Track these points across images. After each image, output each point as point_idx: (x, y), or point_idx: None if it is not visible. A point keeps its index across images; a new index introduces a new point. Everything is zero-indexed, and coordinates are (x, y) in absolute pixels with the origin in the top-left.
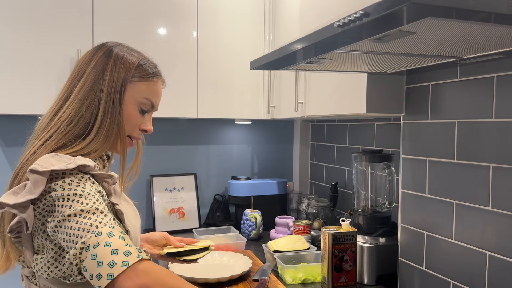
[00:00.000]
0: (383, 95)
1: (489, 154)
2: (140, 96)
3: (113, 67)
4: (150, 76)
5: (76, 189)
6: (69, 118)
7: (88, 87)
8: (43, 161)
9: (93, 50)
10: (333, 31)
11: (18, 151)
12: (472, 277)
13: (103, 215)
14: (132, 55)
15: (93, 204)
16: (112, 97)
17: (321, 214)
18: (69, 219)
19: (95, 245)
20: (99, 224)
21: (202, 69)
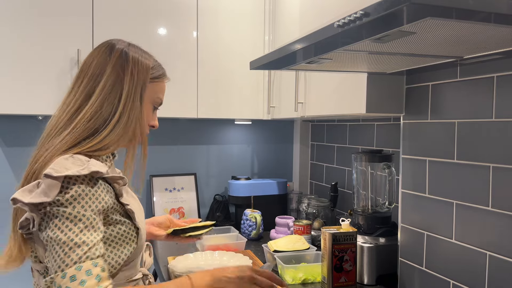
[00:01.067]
0: (383, 95)
1: (489, 154)
2: (154, 95)
3: (133, 69)
4: (161, 76)
5: (79, 211)
6: (90, 115)
7: (110, 87)
8: (58, 165)
9: (106, 50)
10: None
11: (18, 151)
12: (472, 277)
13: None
14: (146, 58)
15: (83, 236)
16: (132, 97)
17: (321, 214)
18: (57, 244)
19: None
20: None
21: (202, 69)
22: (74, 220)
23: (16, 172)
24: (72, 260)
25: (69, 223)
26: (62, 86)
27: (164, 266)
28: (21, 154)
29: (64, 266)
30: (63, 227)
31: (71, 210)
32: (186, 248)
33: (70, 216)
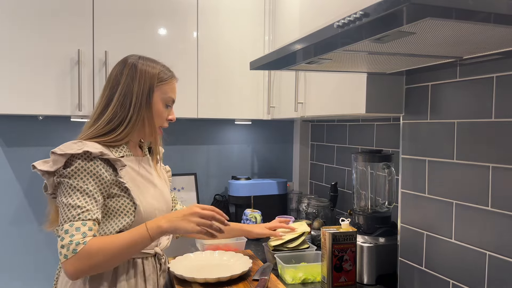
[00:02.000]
0: (383, 95)
1: (489, 154)
2: (164, 95)
3: (140, 79)
4: (168, 79)
5: (78, 182)
6: (109, 119)
7: (123, 96)
8: (65, 146)
9: (121, 64)
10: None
11: (18, 151)
12: (471, 277)
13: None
14: (153, 67)
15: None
16: (140, 101)
17: (321, 214)
18: (61, 205)
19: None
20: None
21: (202, 69)
22: (74, 189)
23: (16, 172)
24: (68, 218)
25: (70, 191)
26: (62, 86)
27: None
28: (21, 154)
29: (63, 222)
30: (66, 194)
31: (72, 181)
32: (186, 248)
33: (71, 186)
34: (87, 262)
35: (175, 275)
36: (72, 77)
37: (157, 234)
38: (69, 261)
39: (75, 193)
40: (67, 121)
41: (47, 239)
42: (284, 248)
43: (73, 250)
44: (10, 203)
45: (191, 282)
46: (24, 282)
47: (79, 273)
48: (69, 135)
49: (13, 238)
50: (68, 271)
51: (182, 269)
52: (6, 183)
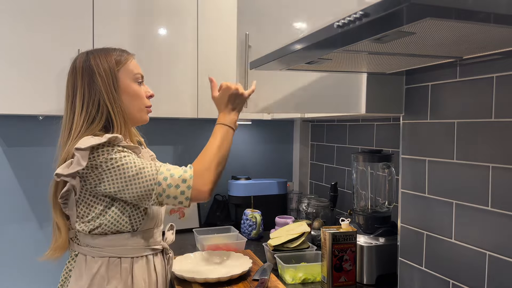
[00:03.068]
0: (383, 95)
1: (489, 154)
2: (131, 74)
3: (97, 69)
4: (126, 59)
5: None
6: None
7: (88, 95)
8: (84, 141)
9: (72, 71)
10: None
11: (18, 151)
12: (471, 277)
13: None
14: (105, 55)
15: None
16: (110, 92)
17: (321, 214)
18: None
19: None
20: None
21: (202, 69)
22: (124, 165)
23: (16, 172)
24: (152, 174)
25: (124, 166)
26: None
27: None
28: (21, 154)
29: (153, 180)
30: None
31: (115, 163)
32: (186, 248)
33: (119, 165)
34: (208, 170)
35: (175, 275)
36: None
37: (235, 124)
38: (195, 184)
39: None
40: None
41: (47, 239)
42: (284, 248)
43: (190, 176)
44: (10, 203)
45: (191, 282)
46: (24, 282)
47: (212, 184)
48: None
49: (13, 238)
50: (202, 190)
51: (182, 269)
52: (6, 183)
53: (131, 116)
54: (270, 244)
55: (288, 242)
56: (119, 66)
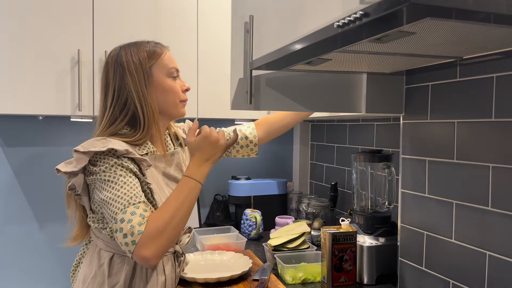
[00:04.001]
0: (383, 95)
1: (489, 154)
2: (166, 69)
3: (128, 66)
4: (161, 50)
5: (112, 175)
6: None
7: (117, 95)
8: (88, 143)
9: (105, 66)
10: (332, 31)
11: (18, 151)
12: (471, 277)
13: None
14: (137, 52)
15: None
16: (141, 91)
17: (321, 214)
18: (105, 202)
19: (116, 230)
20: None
21: (202, 69)
22: (111, 182)
23: (16, 171)
24: (118, 209)
25: (106, 186)
26: (63, 86)
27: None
28: (21, 154)
29: (115, 215)
30: (104, 189)
31: (105, 176)
32: (186, 248)
33: (107, 180)
34: (159, 237)
35: None
36: (72, 77)
37: (205, 179)
38: (140, 245)
39: (113, 186)
40: (67, 121)
41: (47, 239)
42: (284, 248)
43: (139, 232)
44: (10, 203)
45: (191, 282)
46: (24, 282)
47: (156, 252)
48: (69, 135)
49: (13, 238)
50: (144, 256)
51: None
52: (6, 183)
53: (167, 111)
54: (270, 244)
55: (288, 242)
56: (152, 61)
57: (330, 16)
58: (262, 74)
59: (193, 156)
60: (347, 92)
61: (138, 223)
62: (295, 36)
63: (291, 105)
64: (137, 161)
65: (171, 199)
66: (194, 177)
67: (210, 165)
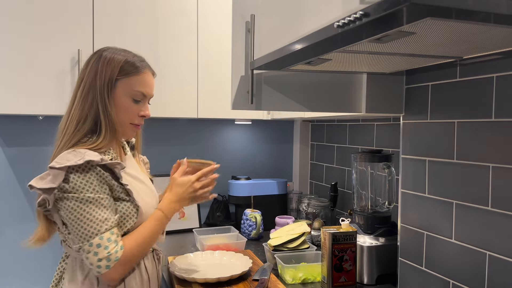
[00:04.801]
0: (383, 95)
1: (489, 154)
2: (131, 89)
3: (101, 69)
4: (137, 69)
5: (87, 195)
6: (76, 120)
7: (86, 91)
8: (61, 158)
9: (89, 57)
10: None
11: (18, 151)
12: (471, 277)
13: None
14: (119, 54)
15: (91, 212)
16: (103, 96)
17: (321, 214)
18: (76, 221)
19: (88, 251)
20: (92, 234)
21: (202, 69)
22: (86, 203)
23: (16, 171)
24: (93, 233)
25: (82, 205)
26: (63, 86)
27: (164, 266)
28: (21, 154)
29: (89, 238)
30: (78, 209)
31: (79, 195)
32: (186, 248)
33: (82, 200)
34: (129, 263)
35: (175, 275)
36: (72, 77)
37: (173, 215)
38: (113, 269)
39: (89, 206)
40: None
41: None
42: (284, 248)
43: (115, 259)
44: (10, 203)
45: (191, 282)
46: (24, 282)
47: (124, 274)
48: None
49: (13, 238)
50: (113, 278)
51: (182, 269)
52: (6, 183)
53: (117, 128)
54: (270, 244)
55: (288, 242)
56: (121, 75)
57: (330, 16)
58: (263, 74)
59: (170, 192)
60: (347, 92)
61: (115, 251)
62: (295, 36)
63: (291, 105)
64: (110, 166)
65: (143, 229)
66: (164, 211)
67: (180, 206)
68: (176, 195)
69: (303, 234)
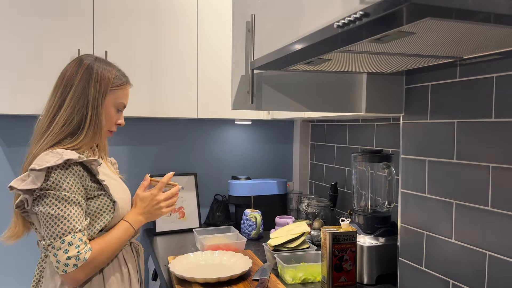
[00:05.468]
0: (383, 95)
1: (489, 154)
2: (116, 100)
3: (96, 81)
4: (123, 84)
5: (61, 192)
6: (63, 120)
7: (77, 97)
8: (40, 160)
9: (75, 65)
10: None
11: (18, 151)
12: (471, 277)
13: (71, 220)
14: (109, 70)
15: (67, 211)
16: (96, 104)
17: (321, 214)
18: (49, 217)
19: (58, 248)
20: (64, 231)
21: (202, 69)
22: (61, 200)
23: (16, 171)
24: (65, 230)
25: (57, 202)
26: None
27: (164, 266)
28: (21, 154)
29: (61, 234)
30: (53, 205)
31: (56, 192)
32: (186, 248)
33: (58, 197)
34: (94, 266)
35: (175, 275)
36: None
37: (139, 226)
38: (79, 269)
39: (63, 204)
40: None
41: None
42: (284, 248)
43: (84, 259)
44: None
45: (191, 282)
46: (24, 282)
47: (87, 277)
48: None
49: None
50: (77, 279)
51: (182, 269)
52: (6, 183)
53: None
54: (270, 244)
55: (288, 242)
56: (113, 87)
57: (330, 16)
58: (263, 74)
59: (135, 206)
60: (347, 92)
61: (85, 251)
62: (295, 36)
63: (291, 105)
64: (87, 163)
65: (110, 236)
66: (130, 222)
67: (146, 219)
68: (140, 208)
69: (303, 234)
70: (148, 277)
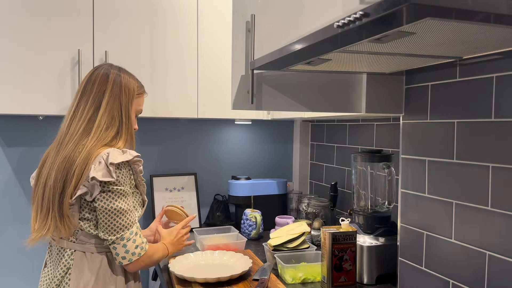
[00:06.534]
0: (383, 95)
1: (489, 154)
2: (138, 107)
3: (125, 88)
4: (142, 92)
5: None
6: (106, 124)
7: (112, 102)
8: (113, 156)
9: (103, 77)
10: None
11: (18, 151)
12: (471, 277)
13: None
14: (132, 82)
15: (128, 205)
16: (127, 109)
17: (321, 214)
18: (116, 211)
19: (128, 238)
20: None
21: (202, 69)
22: (124, 195)
23: (16, 171)
24: (131, 221)
25: (122, 196)
26: (63, 86)
27: (164, 265)
28: (21, 154)
29: (129, 226)
30: (118, 199)
31: (119, 187)
32: (187, 248)
33: (120, 191)
34: (147, 259)
35: (175, 275)
36: (72, 77)
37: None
38: (140, 259)
39: (126, 198)
40: None
41: None
42: (284, 248)
43: (145, 249)
44: (10, 203)
45: (191, 282)
46: (24, 282)
47: (142, 268)
48: None
49: (13, 238)
50: (137, 267)
51: (182, 269)
52: (6, 183)
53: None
54: (270, 244)
55: (288, 242)
56: (137, 94)
57: (330, 16)
58: (263, 74)
59: (164, 239)
60: (347, 92)
61: (145, 242)
62: (295, 36)
63: (291, 105)
64: (139, 163)
65: (159, 247)
66: (167, 246)
67: (174, 250)
68: (169, 242)
69: (303, 234)
70: (148, 277)
